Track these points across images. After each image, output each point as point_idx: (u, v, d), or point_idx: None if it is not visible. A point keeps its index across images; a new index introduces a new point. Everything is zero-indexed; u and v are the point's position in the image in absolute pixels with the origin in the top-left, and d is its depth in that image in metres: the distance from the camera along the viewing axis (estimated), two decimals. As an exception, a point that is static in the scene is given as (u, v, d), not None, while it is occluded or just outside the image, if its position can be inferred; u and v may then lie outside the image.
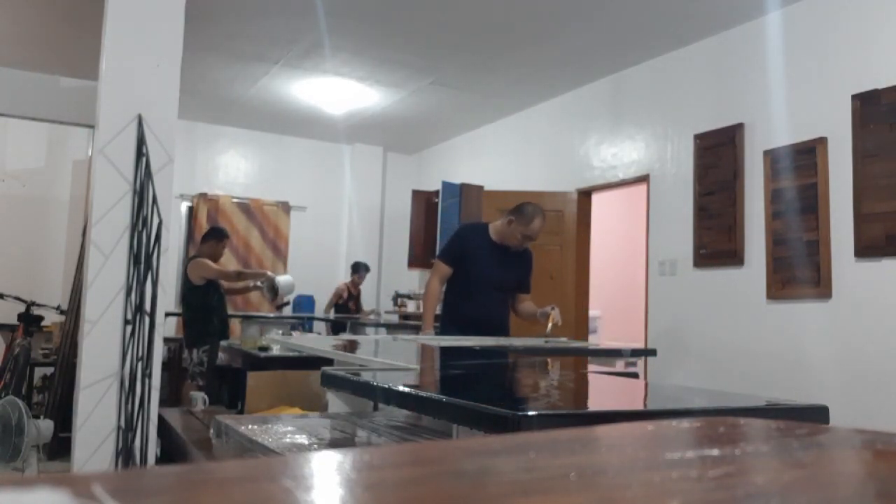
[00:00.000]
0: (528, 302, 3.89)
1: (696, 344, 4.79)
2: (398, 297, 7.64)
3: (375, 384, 1.62)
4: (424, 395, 1.43)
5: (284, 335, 5.21)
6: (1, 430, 3.70)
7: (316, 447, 1.56)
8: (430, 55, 5.49)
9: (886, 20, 3.85)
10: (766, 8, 4.40)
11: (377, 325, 7.24)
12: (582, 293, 5.99)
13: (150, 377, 3.17)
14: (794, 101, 4.29)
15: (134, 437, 3.13)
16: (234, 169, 7.90)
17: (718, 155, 4.71)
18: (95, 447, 3.30)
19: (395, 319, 7.41)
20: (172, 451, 3.46)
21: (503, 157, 7.04)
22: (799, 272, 4.15)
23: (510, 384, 2.01)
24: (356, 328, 7.11)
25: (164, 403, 4.05)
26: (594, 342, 6.30)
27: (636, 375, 3.49)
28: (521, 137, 6.83)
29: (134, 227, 3.40)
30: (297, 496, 0.36)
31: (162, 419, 3.52)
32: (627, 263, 7.01)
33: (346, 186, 8.39)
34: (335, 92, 6.41)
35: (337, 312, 7.41)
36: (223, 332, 5.51)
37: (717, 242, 4.68)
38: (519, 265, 3.81)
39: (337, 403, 2.00)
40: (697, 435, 0.62)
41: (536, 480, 0.42)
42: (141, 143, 3.44)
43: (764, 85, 4.47)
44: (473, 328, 3.56)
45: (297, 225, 8.04)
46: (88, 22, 4.48)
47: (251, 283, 5.80)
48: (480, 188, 6.67)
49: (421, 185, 8.04)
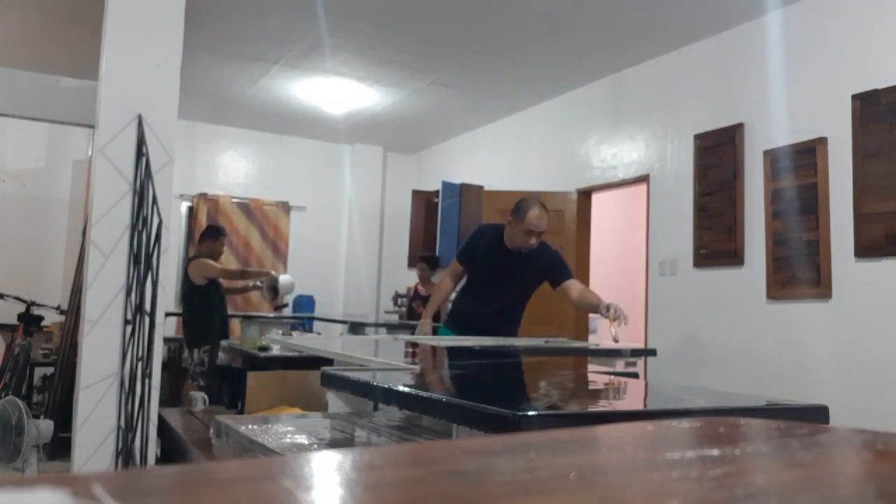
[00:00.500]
0: (583, 291, 3.59)
1: (695, 344, 4.79)
2: (398, 297, 7.64)
3: (375, 384, 1.63)
4: (424, 395, 1.43)
5: (284, 335, 5.21)
6: (1, 430, 3.70)
7: (316, 447, 1.56)
8: (430, 55, 5.49)
9: (886, 20, 3.85)
10: (766, 8, 4.40)
11: (377, 325, 7.24)
12: (582, 293, 5.98)
13: (150, 377, 3.18)
14: (794, 101, 4.29)
15: (134, 437, 3.13)
16: (234, 169, 7.90)
17: (718, 155, 4.71)
18: (95, 447, 3.30)
19: (395, 319, 7.40)
20: (172, 451, 3.46)
21: (503, 157, 7.03)
22: (799, 272, 4.15)
23: (510, 384, 2.01)
24: (356, 328, 7.11)
25: (164, 403, 4.05)
26: (594, 342, 6.30)
27: (636, 375, 3.48)
28: (521, 137, 6.82)
29: (134, 227, 3.40)
30: (297, 496, 0.36)
31: (162, 419, 3.52)
32: (627, 263, 7.00)
33: (346, 186, 8.38)
34: (335, 92, 6.41)
35: (409, 317, 6.62)
36: (224, 332, 5.51)
37: (717, 242, 4.68)
38: (533, 267, 3.57)
39: (337, 403, 2.00)
40: (697, 435, 0.62)
41: (536, 480, 0.42)
42: (141, 143, 3.44)
43: (764, 85, 4.47)
44: (472, 330, 3.54)
45: (297, 225, 8.04)
46: (88, 22, 4.48)
47: (251, 282, 5.81)
48: (480, 188, 6.67)
49: (421, 185, 8.04)
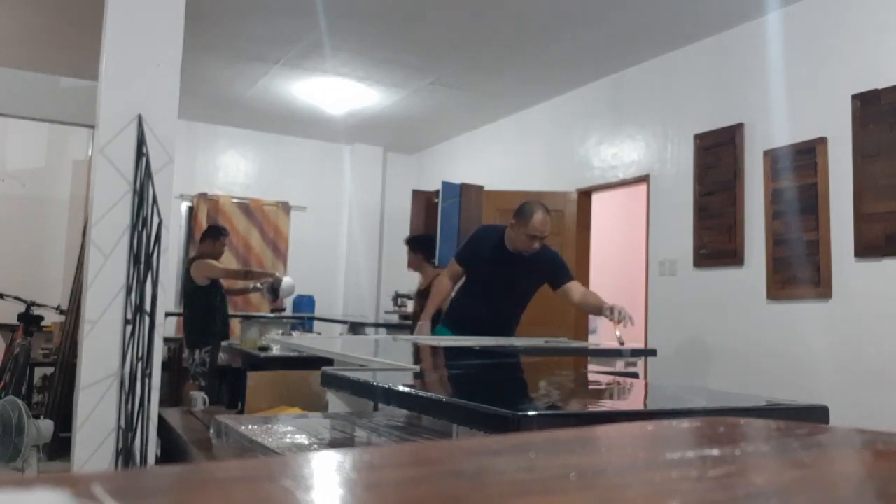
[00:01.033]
0: (585, 293, 3.58)
1: (696, 344, 4.79)
2: (398, 297, 7.63)
3: (375, 384, 1.63)
4: (424, 395, 1.43)
5: (284, 335, 5.21)
6: (1, 430, 3.70)
7: (316, 447, 1.56)
8: (430, 55, 5.49)
9: (886, 20, 3.85)
10: (766, 8, 4.40)
11: (377, 325, 7.24)
12: (582, 293, 5.98)
13: (150, 377, 3.17)
14: (794, 101, 4.29)
15: (134, 437, 3.13)
16: (234, 169, 7.89)
17: (718, 155, 4.71)
18: (95, 447, 3.30)
19: (395, 319, 7.40)
20: (172, 451, 3.46)
21: (503, 157, 7.03)
22: (799, 272, 4.15)
23: (510, 384, 2.02)
24: (356, 328, 7.11)
25: (164, 403, 4.05)
26: (594, 342, 6.30)
27: (636, 375, 3.48)
28: (521, 137, 6.82)
29: (134, 227, 3.40)
30: (297, 496, 0.36)
31: (162, 419, 3.52)
32: (627, 263, 7.00)
33: (346, 186, 8.38)
34: (335, 92, 6.41)
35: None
36: (225, 332, 5.52)
37: (717, 242, 4.68)
38: (533, 269, 3.57)
39: (337, 403, 2.00)
40: (697, 435, 0.62)
41: (536, 480, 0.42)
42: (141, 143, 3.44)
43: (764, 85, 4.47)
44: (470, 331, 3.53)
45: (297, 225, 8.04)
46: (88, 22, 4.47)
47: (251, 284, 5.81)
48: (480, 188, 6.67)
49: (421, 185, 8.04)
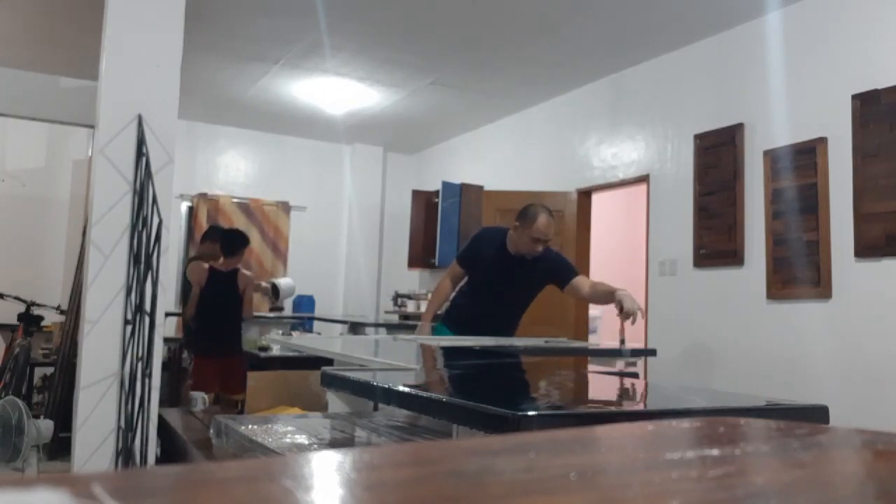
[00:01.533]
0: (592, 285, 3.56)
1: (696, 344, 4.79)
2: (398, 297, 7.64)
3: (375, 384, 1.63)
4: (424, 395, 1.43)
5: (284, 335, 5.21)
6: (1, 430, 3.70)
7: (316, 447, 1.56)
8: (430, 55, 5.49)
9: (886, 20, 3.85)
10: (766, 8, 4.40)
11: (377, 325, 7.24)
12: (582, 293, 5.98)
13: (150, 377, 3.17)
14: (794, 101, 4.29)
15: (134, 437, 3.13)
16: (234, 169, 7.89)
17: (718, 155, 4.71)
18: (95, 447, 3.30)
19: (395, 319, 7.40)
20: (172, 451, 3.46)
21: (503, 157, 7.03)
22: (799, 272, 4.15)
23: (510, 384, 2.02)
24: (356, 328, 7.11)
25: (163, 403, 4.05)
26: (594, 342, 6.29)
27: (636, 375, 3.48)
28: (521, 137, 6.82)
29: (134, 227, 3.40)
30: (297, 496, 0.36)
31: (162, 419, 3.53)
32: (627, 263, 7.00)
33: (346, 186, 8.38)
34: (335, 92, 6.41)
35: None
36: None
37: (717, 242, 4.68)
38: (534, 271, 3.56)
39: (337, 403, 2.00)
40: (697, 435, 0.62)
41: (536, 480, 0.42)
42: (141, 143, 3.44)
43: (764, 85, 4.47)
44: (469, 331, 3.53)
45: (297, 225, 8.04)
46: (88, 22, 4.48)
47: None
48: (480, 188, 6.67)
49: (421, 185, 8.04)
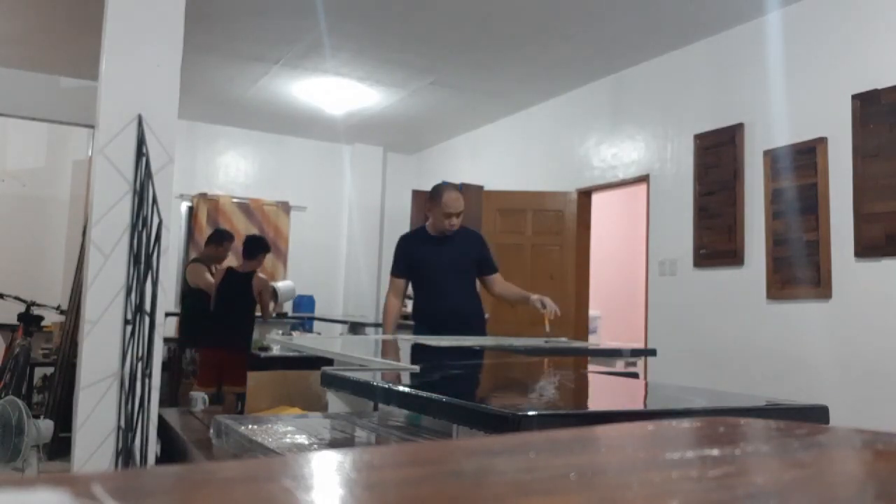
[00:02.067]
0: (505, 283, 3.78)
1: (696, 344, 4.79)
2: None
3: (375, 384, 1.63)
4: (424, 395, 1.43)
5: (284, 335, 5.21)
6: (1, 430, 3.70)
7: (316, 447, 1.56)
8: (430, 55, 5.48)
9: (886, 20, 3.85)
10: (766, 8, 4.40)
11: (377, 325, 7.23)
12: (582, 293, 5.99)
13: (150, 377, 3.17)
14: (794, 101, 4.29)
15: (134, 437, 3.13)
16: (234, 169, 7.90)
17: (718, 155, 4.71)
18: (95, 447, 3.30)
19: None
20: (172, 451, 3.46)
21: (503, 157, 7.03)
22: (799, 272, 4.15)
23: (510, 384, 2.02)
24: (356, 328, 7.11)
25: (164, 403, 4.05)
26: (594, 342, 6.30)
27: (636, 375, 3.48)
28: (521, 137, 6.82)
29: (134, 227, 3.40)
30: (297, 496, 0.36)
31: (162, 419, 3.53)
32: (627, 263, 7.01)
33: (346, 186, 8.38)
34: (335, 92, 6.41)
35: None
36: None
37: (717, 242, 4.68)
38: (465, 245, 3.76)
39: (337, 403, 2.00)
40: (697, 435, 0.62)
41: (536, 480, 0.42)
42: (141, 143, 3.44)
43: (764, 85, 4.47)
44: (443, 322, 3.57)
45: (297, 225, 8.04)
46: (88, 22, 4.48)
47: None
48: (480, 188, 6.67)
49: (421, 185, 8.03)
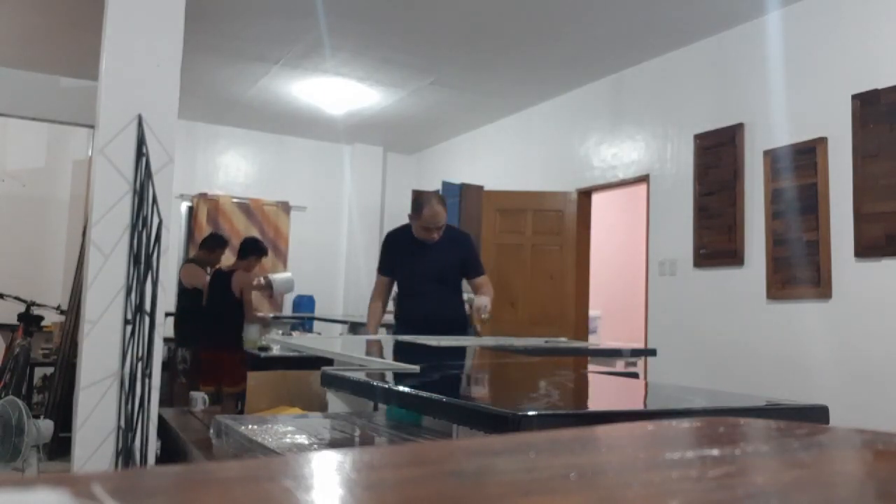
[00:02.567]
0: (484, 287, 3.74)
1: (696, 344, 4.79)
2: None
3: (375, 384, 1.63)
4: (425, 395, 1.43)
5: (284, 335, 5.21)
6: (1, 430, 3.70)
7: (316, 447, 1.56)
8: (430, 55, 5.48)
9: (886, 20, 3.85)
10: (766, 8, 4.40)
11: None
12: (582, 293, 5.99)
13: (150, 377, 3.17)
14: (794, 101, 4.29)
15: (134, 437, 3.13)
16: (234, 169, 7.90)
17: (718, 155, 4.71)
18: (95, 447, 3.30)
19: (394, 319, 7.38)
20: (172, 451, 3.47)
21: (503, 157, 7.03)
22: (799, 272, 4.15)
23: (510, 384, 2.01)
24: (356, 328, 7.10)
25: (164, 403, 4.05)
26: (594, 342, 6.30)
27: (636, 375, 3.48)
28: (521, 137, 6.82)
29: (134, 227, 3.40)
30: (297, 496, 0.36)
31: (162, 419, 3.53)
32: (627, 263, 7.01)
33: (346, 186, 8.38)
34: (335, 92, 6.41)
35: None
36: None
37: (717, 242, 4.68)
38: (451, 251, 3.75)
39: (337, 403, 2.00)
40: (697, 435, 0.62)
41: (536, 480, 0.42)
42: (141, 143, 3.44)
43: (764, 85, 4.47)
44: (419, 324, 3.58)
45: (297, 225, 8.04)
46: (88, 22, 4.47)
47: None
48: (480, 188, 6.67)
49: (421, 185, 8.03)
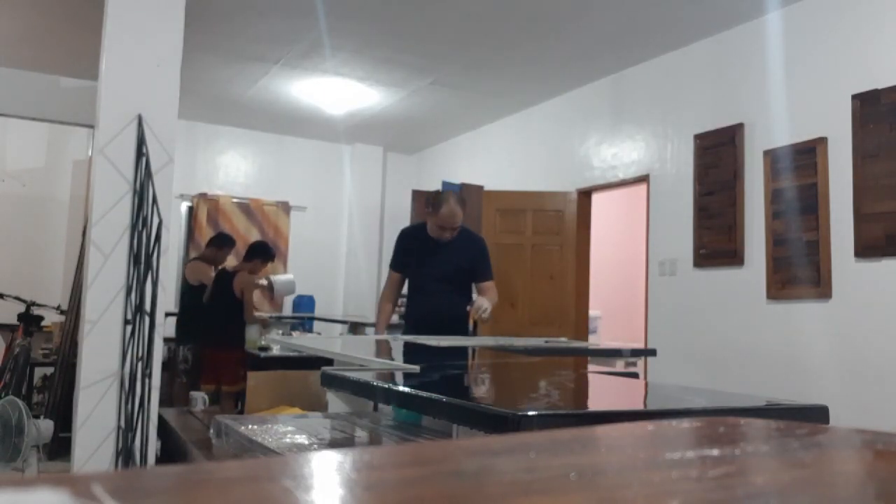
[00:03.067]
0: (489, 293, 3.72)
1: (696, 344, 4.79)
2: (398, 297, 7.62)
3: (375, 384, 1.63)
4: (425, 395, 1.43)
5: (284, 335, 5.22)
6: (1, 430, 3.70)
7: (316, 447, 1.56)
8: (430, 55, 5.48)
9: (886, 20, 3.85)
10: (766, 8, 4.40)
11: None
12: (582, 293, 5.99)
13: (150, 377, 3.17)
14: (794, 101, 4.29)
15: (134, 437, 3.13)
16: (234, 169, 7.89)
17: (718, 155, 4.71)
18: (95, 447, 3.30)
19: (394, 319, 7.38)
20: (172, 451, 3.47)
21: (503, 157, 7.03)
22: (799, 272, 4.15)
23: (510, 384, 2.01)
24: (356, 328, 7.10)
25: (164, 403, 4.05)
26: (594, 342, 6.30)
27: (636, 375, 3.48)
28: (521, 137, 6.82)
29: (134, 227, 3.40)
30: (297, 496, 0.36)
31: (162, 419, 3.53)
32: (627, 263, 7.01)
33: (346, 186, 8.38)
34: (335, 92, 6.41)
35: None
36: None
37: (717, 242, 4.68)
38: (463, 254, 3.72)
39: (337, 403, 2.00)
40: (697, 435, 0.62)
41: (536, 480, 0.42)
42: (141, 143, 3.44)
43: (764, 85, 4.47)
44: (425, 323, 3.60)
45: (297, 225, 8.04)
46: (88, 22, 4.47)
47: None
48: (480, 188, 6.67)
49: (421, 185, 8.03)
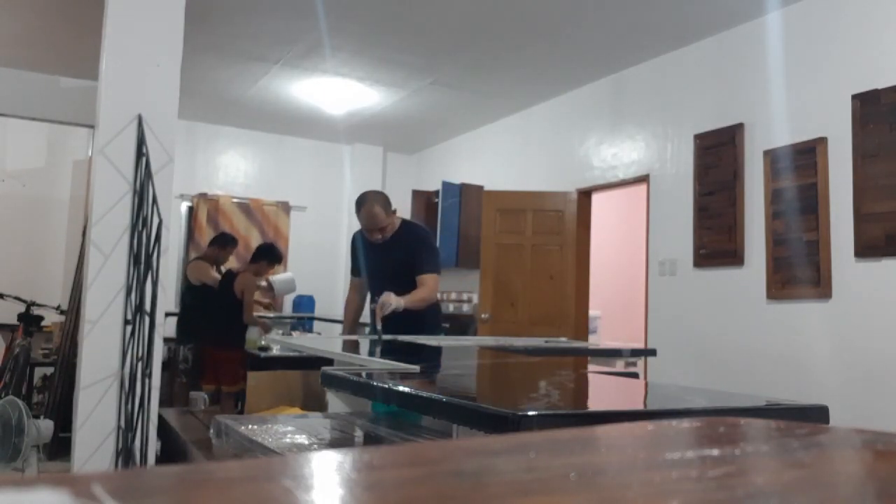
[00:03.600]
0: (423, 287, 3.57)
1: (696, 344, 4.79)
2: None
3: (375, 384, 1.63)
4: (425, 395, 1.43)
5: (284, 335, 5.22)
6: (1, 430, 3.70)
7: (316, 447, 1.56)
8: (430, 55, 5.48)
9: (886, 20, 3.85)
10: (766, 8, 4.40)
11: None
12: (582, 293, 5.99)
13: (150, 377, 3.17)
14: (794, 101, 4.29)
15: (134, 437, 3.13)
16: (234, 169, 7.90)
17: (718, 155, 4.71)
18: (95, 447, 3.30)
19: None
20: (172, 451, 3.47)
21: (503, 157, 7.03)
22: (799, 272, 4.15)
23: (510, 384, 2.01)
24: (356, 328, 7.10)
25: (164, 403, 4.05)
26: (594, 342, 6.30)
27: (636, 375, 3.48)
28: (521, 137, 6.82)
29: (134, 227, 3.40)
30: (297, 496, 0.36)
31: (162, 419, 3.53)
32: (627, 263, 7.01)
33: (346, 186, 8.38)
34: (335, 92, 6.41)
35: None
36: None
37: (717, 242, 4.68)
38: (401, 249, 3.64)
39: (337, 403, 2.00)
40: (697, 435, 0.62)
41: (536, 480, 0.42)
42: (141, 143, 3.44)
43: (764, 85, 4.47)
44: (391, 327, 3.51)
45: (297, 225, 8.04)
46: (88, 22, 4.48)
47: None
48: (480, 188, 6.68)
49: (421, 185, 8.04)
